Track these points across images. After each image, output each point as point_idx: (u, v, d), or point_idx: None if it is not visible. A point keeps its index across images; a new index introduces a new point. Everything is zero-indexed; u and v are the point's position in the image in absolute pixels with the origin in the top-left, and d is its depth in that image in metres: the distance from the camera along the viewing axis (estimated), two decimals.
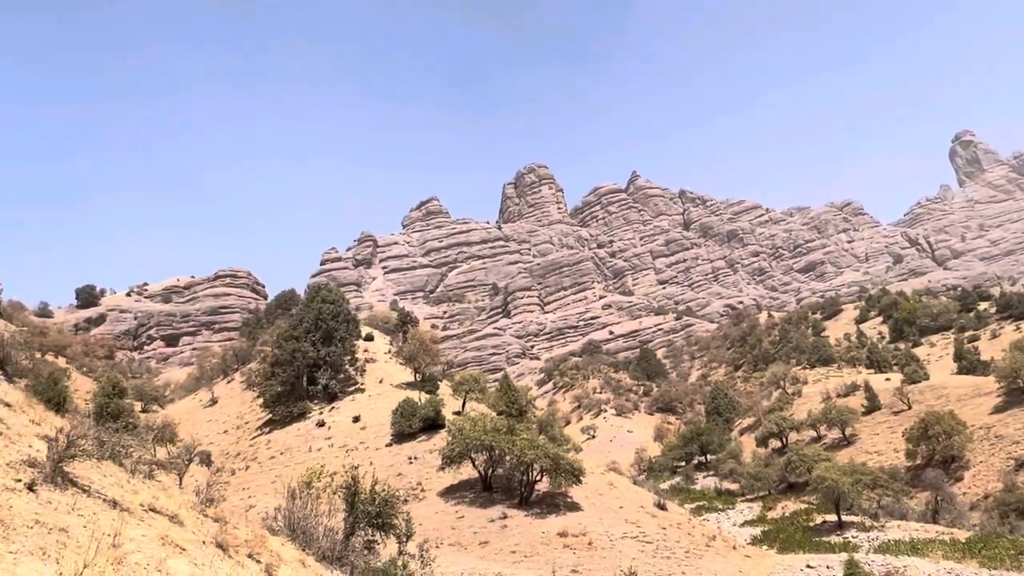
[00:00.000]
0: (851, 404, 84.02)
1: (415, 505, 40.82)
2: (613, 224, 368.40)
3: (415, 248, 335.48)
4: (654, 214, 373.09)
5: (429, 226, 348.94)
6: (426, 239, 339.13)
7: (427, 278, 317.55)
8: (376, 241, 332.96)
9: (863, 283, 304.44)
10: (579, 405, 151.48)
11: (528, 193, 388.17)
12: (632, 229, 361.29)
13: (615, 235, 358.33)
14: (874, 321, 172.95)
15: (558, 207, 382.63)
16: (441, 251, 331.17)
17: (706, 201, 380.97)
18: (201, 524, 13.75)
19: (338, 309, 76.87)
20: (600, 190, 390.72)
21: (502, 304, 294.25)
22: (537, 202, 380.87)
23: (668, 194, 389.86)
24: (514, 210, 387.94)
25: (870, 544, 41.55)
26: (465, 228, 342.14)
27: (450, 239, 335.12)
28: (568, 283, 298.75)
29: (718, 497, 69.44)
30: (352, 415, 62.40)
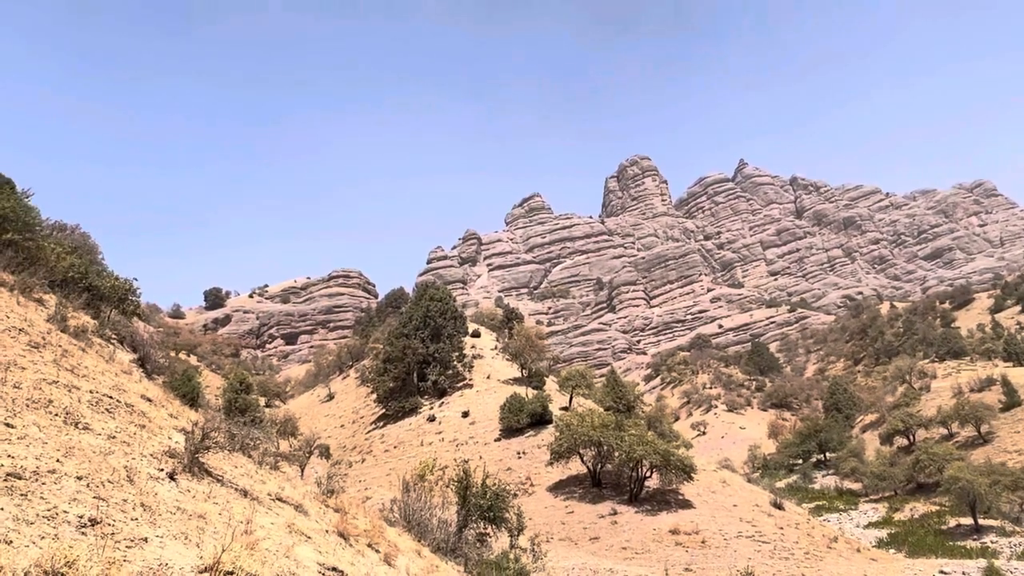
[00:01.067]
0: (987, 400, 78.28)
1: (525, 499, 41.17)
2: (720, 215, 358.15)
3: (519, 245, 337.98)
4: (764, 203, 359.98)
5: (532, 222, 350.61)
6: (529, 235, 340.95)
7: (531, 274, 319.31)
8: (480, 239, 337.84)
9: (998, 269, 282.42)
10: (688, 401, 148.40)
11: (631, 186, 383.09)
12: (740, 219, 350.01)
13: (722, 226, 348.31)
14: (1012, 310, 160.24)
15: (662, 199, 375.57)
16: (544, 247, 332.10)
17: (820, 187, 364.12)
18: (323, 514, 14.40)
19: (445, 307, 78.56)
20: (706, 180, 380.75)
21: (607, 299, 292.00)
22: (640, 195, 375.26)
23: (778, 182, 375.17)
24: (617, 204, 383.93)
25: (1012, 550, 38.65)
26: (568, 223, 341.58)
27: (553, 235, 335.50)
28: (674, 276, 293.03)
29: (839, 497, 66.42)
30: (461, 410, 63.61)
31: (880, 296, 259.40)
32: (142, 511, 8.30)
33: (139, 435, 11.69)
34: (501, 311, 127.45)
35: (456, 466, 31.48)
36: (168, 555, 7.43)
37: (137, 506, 8.35)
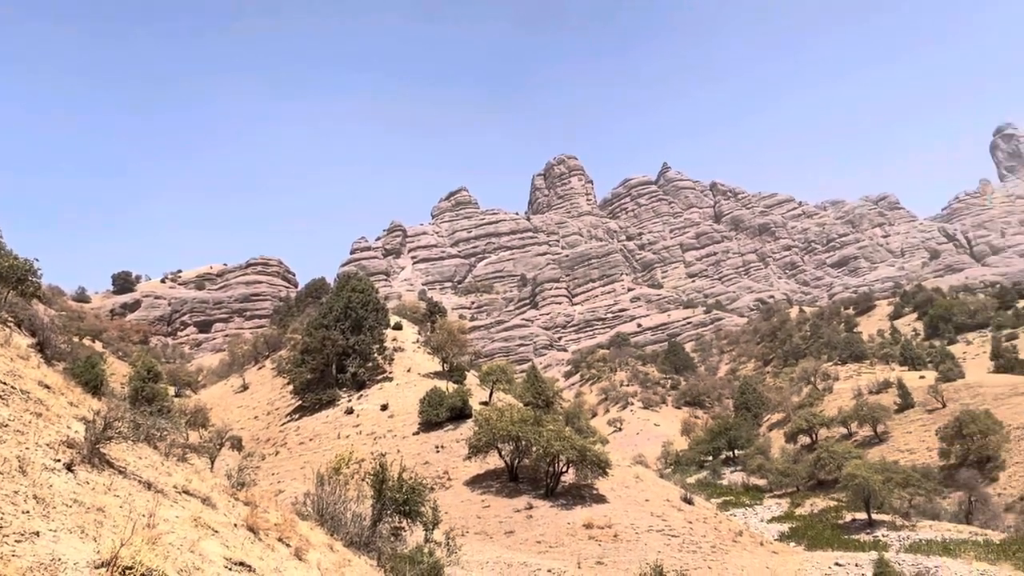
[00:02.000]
0: (883, 401, 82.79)
1: (442, 494, 41.11)
2: (643, 216, 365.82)
3: (444, 238, 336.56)
4: (684, 206, 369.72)
5: (458, 216, 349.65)
6: (455, 229, 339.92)
7: (455, 268, 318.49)
8: (406, 231, 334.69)
9: (898, 279, 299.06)
10: (606, 398, 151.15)
11: (557, 184, 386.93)
12: (662, 221, 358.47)
13: (644, 227, 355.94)
14: (909, 318, 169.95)
15: (587, 199, 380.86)
16: (470, 241, 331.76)
17: (737, 194, 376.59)
18: (232, 507, 14.00)
19: (367, 298, 77.49)
20: (630, 182, 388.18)
21: (530, 295, 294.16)
22: (566, 193, 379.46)
23: (699, 186, 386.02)
24: (543, 201, 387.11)
25: (900, 543, 41.00)
26: (494, 219, 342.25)
27: (479, 230, 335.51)
28: (596, 275, 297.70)
29: (745, 493, 68.96)
30: (380, 403, 62.95)
31: (790, 300, 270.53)
32: (35, 504, 7.87)
33: (35, 424, 11.08)
34: (424, 304, 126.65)
35: (373, 460, 31.12)
36: (62, 549, 7.08)
37: (29, 498, 7.92)
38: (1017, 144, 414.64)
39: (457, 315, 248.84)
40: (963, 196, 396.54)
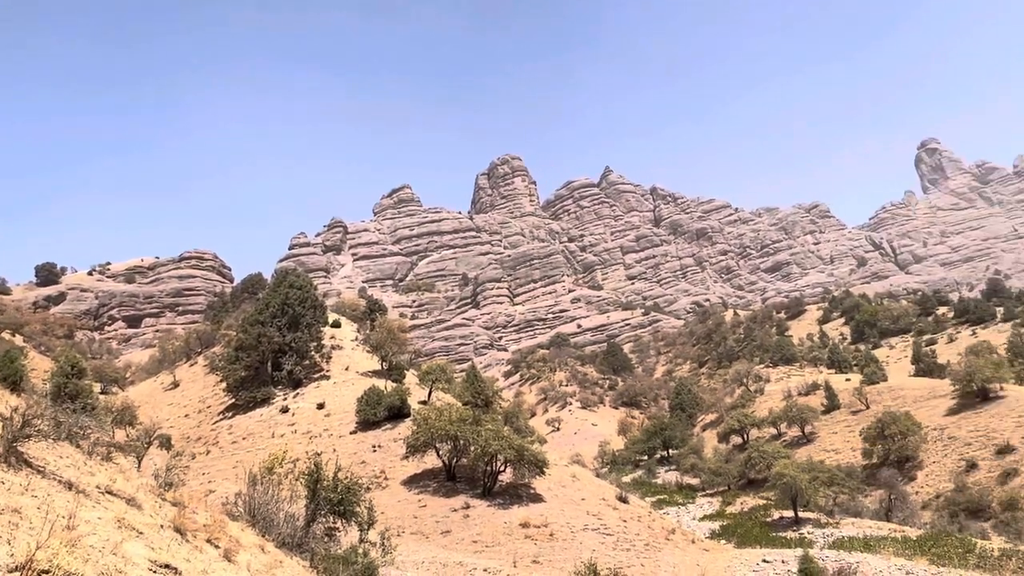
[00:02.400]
0: (811, 403, 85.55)
1: (378, 493, 40.73)
2: (584, 218, 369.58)
3: (385, 236, 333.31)
4: (625, 210, 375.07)
5: (400, 214, 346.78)
6: (397, 227, 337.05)
7: (397, 266, 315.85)
8: (346, 227, 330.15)
9: (827, 284, 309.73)
10: (545, 397, 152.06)
11: (501, 184, 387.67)
12: (603, 224, 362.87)
13: (586, 229, 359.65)
14: (836, 322, 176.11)
15: (530, 200, 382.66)
16: (412, 239, 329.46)
17: (677, 199, 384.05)
18: (159, 508, 13.59)
19: (305, 295, 76.15)
20: (573, 184, 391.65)
21: (471, 295, 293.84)
22: (510, 194, 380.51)
23: (640, 190, 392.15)
24: (486, 201, 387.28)
25: (825, 540, 42.45)
26: (437, 217, 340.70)
27: (421, 228, 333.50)
28: (538, 276, 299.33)
29: (679, 491, 70.30)
30: (317, 402, 61.97)
31: (725, 304, 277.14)
32: None
33: None
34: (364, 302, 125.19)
35: (308, 459, 30.63)
36: None
37: None
38: (939, 158, 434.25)
39: (398, 313, 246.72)
40: (889, 206, 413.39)
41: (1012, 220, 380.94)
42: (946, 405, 71.96)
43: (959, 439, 63.86)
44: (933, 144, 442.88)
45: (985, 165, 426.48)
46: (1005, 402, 66.34)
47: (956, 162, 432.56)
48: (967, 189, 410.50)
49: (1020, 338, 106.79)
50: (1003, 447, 58.15)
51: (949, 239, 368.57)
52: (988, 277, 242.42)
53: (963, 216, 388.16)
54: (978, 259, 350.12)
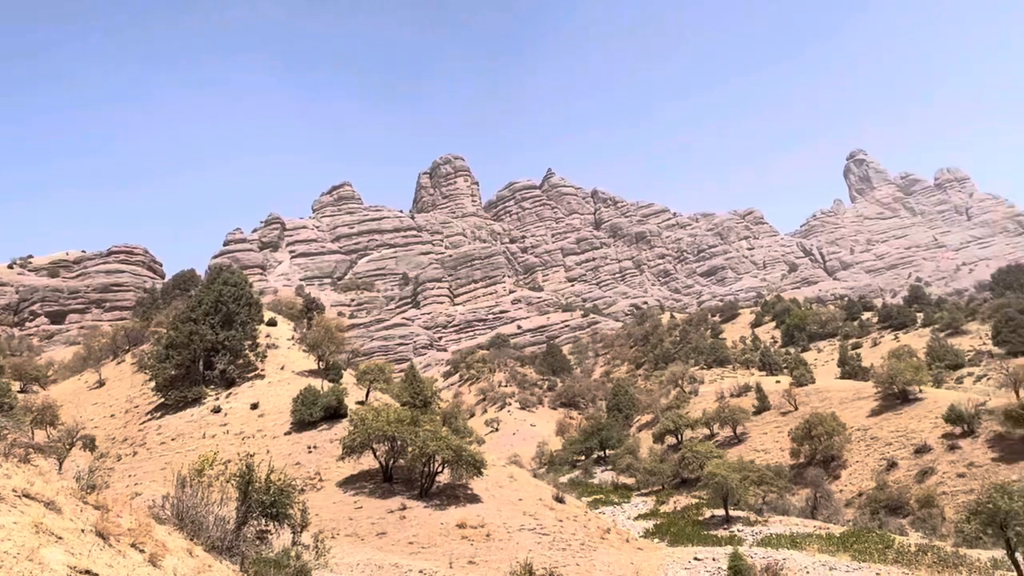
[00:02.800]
0: (743, 404, 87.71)
1: (312, 495, 40.08)
2: (526, 220, 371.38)
3: (325, 233, 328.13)
4: (567, 212, 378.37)
5: (340, 211, 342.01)
6: (336, 224, 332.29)
7: (336, 264, 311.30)
8: (284, 224, 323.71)
9: (760, 289, 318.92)
10: (484, 398, 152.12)
11: (443, 184, 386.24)
12: (545, 226, 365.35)
13: (528, 231, 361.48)
14: (768, 326, 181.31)
15: (472, 200, 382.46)
16: (352, 237, 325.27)
17: (617, 202, 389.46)
18: (80, 512, 13.09)
19: (240, 292, 74.34)
20: (515, 185, 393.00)
21: (412, 294, 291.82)
22: (452, 194, 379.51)
23: (581, 193, 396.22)
24: (428, 200, 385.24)
25: (754, 538, 43.61)
26: (377, 215, 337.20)
27: (361, 226, 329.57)
28: (479, 276, 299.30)
29: (615, 491, 71.19)
30: (250, 402, 60.58)
31: (662, 306, 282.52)
32: None
33: None
34: (301, 300, 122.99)
35: (240, 460, 29.92)
36: None
37: None
38: (867, 169, 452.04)
39: (336, 312, 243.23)
40: (819, 214, 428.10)
41: (932, 230, 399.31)
42: (869, 406, 74.80)
43: (881, 439, 66.47)
44: (861, 155, 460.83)
45: (909, 177, 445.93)
46: (923, 404, 69.37)
47: (882, 173, 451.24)
48: (892, 199, 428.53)
49: (938, 343, 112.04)
50: (921, 447, 60.77)
51: (874, 247, 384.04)
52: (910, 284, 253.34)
53: (888, 225, 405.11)
54: (901, 267, 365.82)
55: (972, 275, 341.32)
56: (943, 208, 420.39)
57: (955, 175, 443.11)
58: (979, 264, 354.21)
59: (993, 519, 26.13)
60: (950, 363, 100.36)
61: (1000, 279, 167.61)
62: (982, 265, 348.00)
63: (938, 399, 69.42)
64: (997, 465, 53.40)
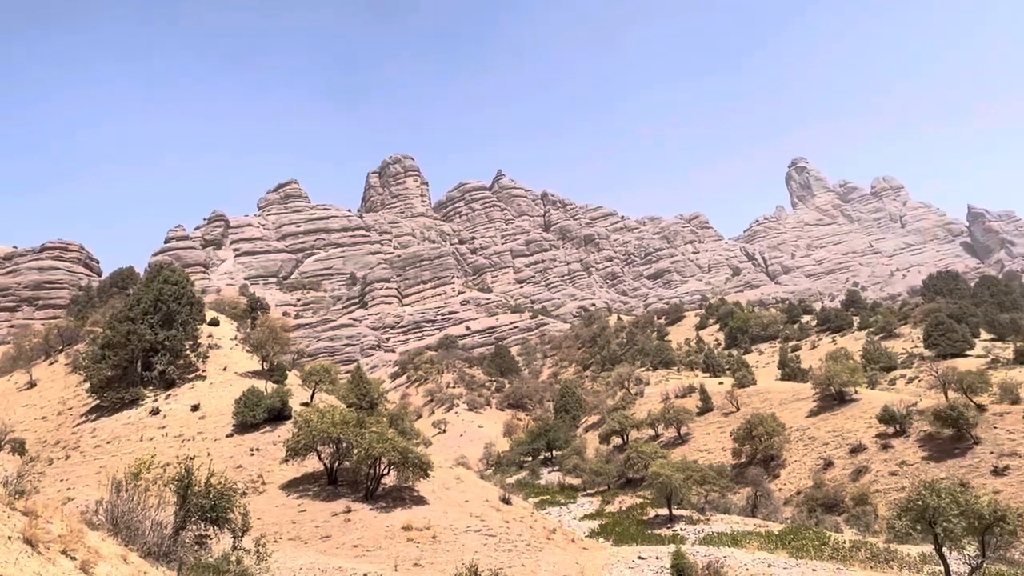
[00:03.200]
0: (687, 405, 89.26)
1: (255, 498, 39.32)
2: (476, 221, 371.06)
3: (270, 231, 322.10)
4: (516, 214, 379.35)
5: (287, 210, 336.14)
6: (283, 223, 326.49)
7: (281, 263, 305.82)
8: (228, 221, 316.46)
9: (704, 292, 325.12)
10: (432, 399, 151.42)
11: (392, 184, 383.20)
12: (494, 227, 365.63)
13: (477, 232, 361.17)
14: (712, 328, 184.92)
15: (422, 200, 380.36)
16: (298, 236, 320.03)
17: (566, 205, 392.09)
18: (8, 518, 12.59)
19: (181, 290, 72.40)
20: (465, 186, 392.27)
21: (359, 295, 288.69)
22: (401, 193, 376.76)
23: (531, 195, 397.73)
24: (377, 200, 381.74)
25: (696, 536, 44.44)
26: (325, 214, 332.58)
27: (308, 224, 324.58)
28: (428, 277, 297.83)
29: (561, 492, 71.64)
30: (191, 403, 59.05)
31: (610, 308, 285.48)
32: None
33: None
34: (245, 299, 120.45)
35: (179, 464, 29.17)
36: None
37: None
38: (807, 176, 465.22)
39: (281, 312, 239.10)
40: (762, 220, 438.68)
41: (868, 237, 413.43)
42: (808, 407, 76.96)
43: (818, 439, 68.45)
44: (802, 163, 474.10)
45: (847, 185, 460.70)
46: (858, 404, 71.71)
47: (822, 180, 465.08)
48: (831, 207, 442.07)
49: (873, 346, 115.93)
50: (856, 446, 62.80)
51: (814, 252, 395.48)
52: (847, 289, 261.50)
53: (827, 231, 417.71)
54: (839, 272, 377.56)
55: (905, 280, 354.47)
56: (879, 216, 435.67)
57: (890, 183, 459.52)
58: (912, 270, 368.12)
59: (922, 516, 27.13)
60: (884, 365, 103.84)
61: (931, 285, 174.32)
62: (914, 271, 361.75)
63: (872, 400, 71.82)
64: (927, 463, 55.54)
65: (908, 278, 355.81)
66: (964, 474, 51.13)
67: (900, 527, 29.25)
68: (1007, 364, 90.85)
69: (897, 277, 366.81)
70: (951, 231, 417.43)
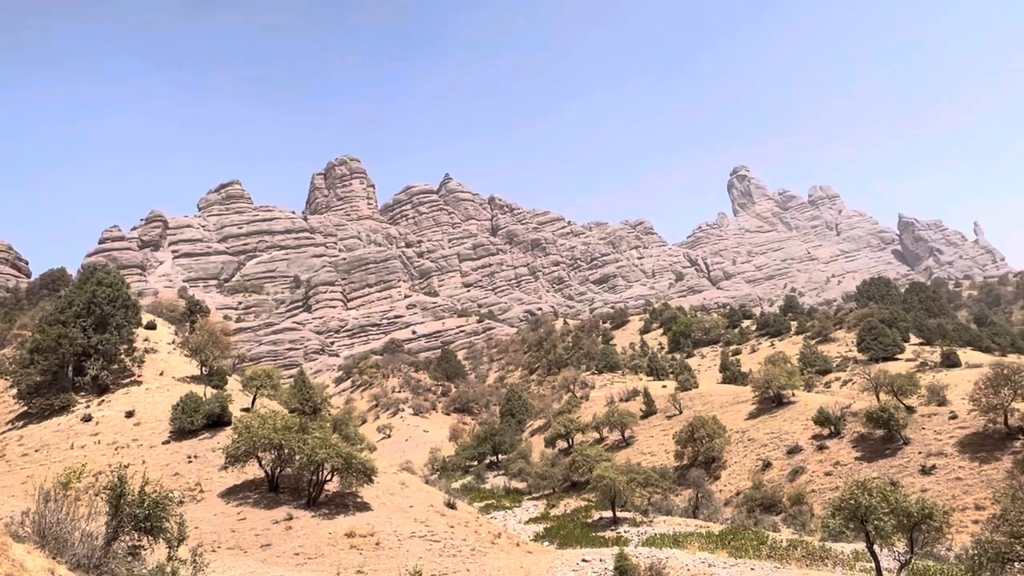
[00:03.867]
0: (631, 408, 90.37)
1: (192, 507, 38.25)
2: (423, 224, 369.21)
3: (211, 233, 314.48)
4: (464, 218, 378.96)
5: (229, 211, 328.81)
6: (224, 224, 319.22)
7: (223, 265, 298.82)
8: (167, 222, 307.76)
9: (649, 297, 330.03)
10: (377, 404, 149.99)
11: (338, 185, 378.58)
12: (441, 231, 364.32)
13: (424, 235, 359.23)
14: (656, 332, 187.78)
15: (368, 203, 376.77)
16: (240, 238, 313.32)
17: (513, 209, 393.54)
18: None
19: (116, 293, 70.05)
20: (412, 189, 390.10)
21: (303, 298, 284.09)
22: (347, 195, 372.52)
23: (478, 199, 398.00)
24: (322, 202, 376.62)
25: (639, 538, 44.99)
26: (268, 216, 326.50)
27: (251, 226, 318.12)
28: (373, 280, 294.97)
29: (506, 496, 71.73)
30: (125, 409, 57.16)
31: (556, 313, 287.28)
32: None
33: None
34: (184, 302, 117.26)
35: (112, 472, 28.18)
36: None
37: None
38: (748, 184, 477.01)
39: (222, 316, 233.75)
40: (704, 226, 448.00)
41: (806, 244, 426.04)
42: (748, 409, 78.78)
43: (757, 440, 70.11)
44: (743, 171, 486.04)
45: (786, 193, 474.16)
46: (796, 407, 73.73)
47: (762, 188, 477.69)
48: (770, 214, 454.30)
49: (809, 349, 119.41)
50: (793, 447, 64.55)
51: (754, 259, 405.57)
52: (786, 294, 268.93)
53: (767, 238, 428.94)
54: (777, 277, 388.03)
55: (840, 286, 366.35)
56: (815, 223, 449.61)
57: (827, 192, 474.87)
58: (846, 276, 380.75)
59: (854, 514, 28.00)
60: (820, 368, 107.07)
61: (864, 291, 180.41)
62: (849, 277, 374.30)
63: (809, 403, 73.93)
64: (860, 463, 57.41)
65: (843, 284, 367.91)
66: (894, 473, 53.03)
67: (834, 525, 30.13)
68: (935, 367, 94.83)
69: (833, 283, 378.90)
70: (883, 239, 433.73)
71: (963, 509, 46.18)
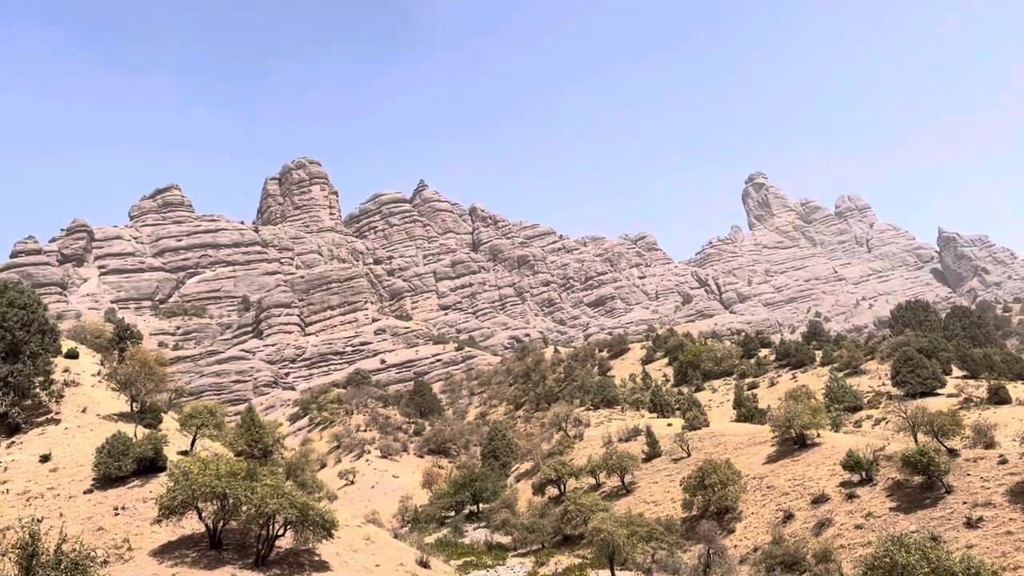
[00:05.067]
0: (632, 450, 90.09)
1: (119, 568, 37.66)
2: (394, 238, 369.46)
3: (145, 246, 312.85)
4: (441, 231, 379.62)
5: (166, 220, 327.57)
6: (160, 236, 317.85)
7: (158, 284, 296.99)
8: (92, 233, 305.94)
9: (652, 321, 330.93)
10: (339, 445, 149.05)
11: (295, 192, 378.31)
12: (415, 245, 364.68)
13: (395, 250, 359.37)
14: (660, 362, 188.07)
15: (330, 212, 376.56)
16: (179, 252, 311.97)
17: (498, 221, 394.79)
18: None
19: (30, 316, 69.21)
20: (381, 198, 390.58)
21: (253, 322, 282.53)
22: (305, 204, 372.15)
23: (458, 210, 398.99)
24: (277, 211, 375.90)
25: None
26: (213, 227, 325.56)
27: (192, 238, 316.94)
28: (336, 302, 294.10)
29: (488, 552, 71.11)
30: (40, 453, 56.30)
31: (546, 340, 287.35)
32: None
33: None
34: (112, 327, 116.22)
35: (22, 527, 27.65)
36: None
37: None
38: (766, 194, 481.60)
39: (157, 342, 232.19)
40: (716, 242, 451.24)
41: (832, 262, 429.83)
42: (766, 452, 78.71)
43: (777, 488, 70.02)
44: (760, 179, 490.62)
45: (809, 204, 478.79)
46: (821, 449, 73.76)
47: (782, 199, 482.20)
48: (791, 227, 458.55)
49: (836, 383, 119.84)
50: (818, 496, 64.49)
51: (773, 278, 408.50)
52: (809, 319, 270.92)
53: (787, 255, 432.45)
54: (800, 300, 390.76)
55: (872, 310, 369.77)
56: (843, 238, 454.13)
57: (856, 203, 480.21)
58: (879, 299, 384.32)
59: (890, 573, 27.93)
60: (849, 405, 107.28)
61: (899, 316, 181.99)
62: (882, 300, 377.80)
63: (836, 444, 73.98)
64: (895, 515, 57.41)
65: (875, 308, 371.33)
66: (935, 526, 53.02)
67: None
68: (981, 404, 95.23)
69: (863, 307, 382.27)
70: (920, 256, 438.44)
71: (1015, 568, 46.20)
